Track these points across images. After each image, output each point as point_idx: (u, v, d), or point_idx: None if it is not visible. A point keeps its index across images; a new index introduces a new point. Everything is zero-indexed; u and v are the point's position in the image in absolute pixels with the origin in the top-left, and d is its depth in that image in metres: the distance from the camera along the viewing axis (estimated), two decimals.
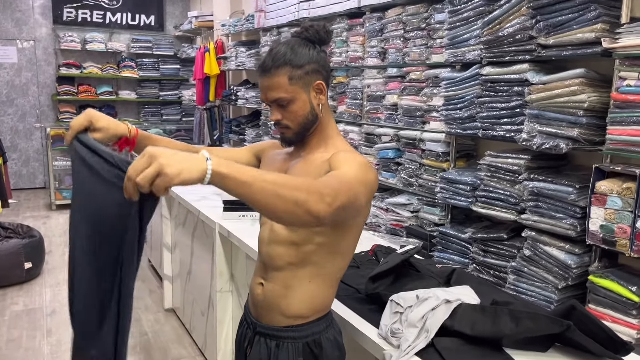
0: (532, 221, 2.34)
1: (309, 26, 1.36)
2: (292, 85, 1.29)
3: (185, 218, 3.18)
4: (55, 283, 4.18)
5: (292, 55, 1.30)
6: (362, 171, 1.21)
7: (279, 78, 1.29)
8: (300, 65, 1.30)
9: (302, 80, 1.30)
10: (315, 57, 1.33)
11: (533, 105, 2.28)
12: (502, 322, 1.29)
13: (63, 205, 6.58)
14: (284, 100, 1.30)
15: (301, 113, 1.32)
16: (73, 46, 7.28)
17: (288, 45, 1.32)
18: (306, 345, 1.32)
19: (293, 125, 1.33)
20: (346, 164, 1.21)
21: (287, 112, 1.32)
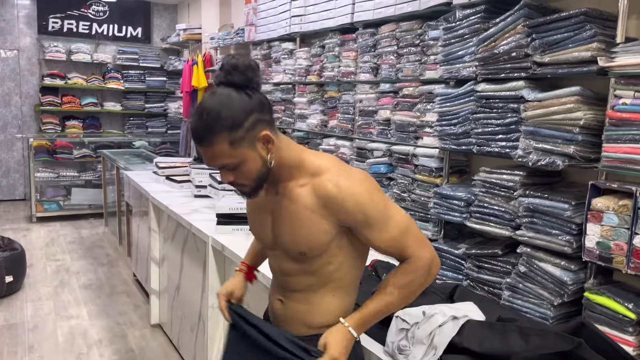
0: (527, 237, 2.34)
1: (231, 68, 1.18)
2: (236, 150, 1.17)
3: (175, 231, 3.12)
4: (37, 297, 4.07)
5: (226, 116, 1.14)
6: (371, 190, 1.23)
7: (219, 146, 1.16)
8: (239, 124, 1.15)
9: (246, 139, 1.17)
10: (251, 106, 1.18)
11: (529, 122, 2.30)
12: (511, 339, 1.28)
13: (44, 218, 6.45)
14: (231, 165, 1.20)
15: (254, 170, 1.21)
16: (58, 56, 7.20)
17: (219, 103, 1.15)
18: None
19: (248, 182, 1.24)
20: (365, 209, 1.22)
21: (238, 172, 1.22)
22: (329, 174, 1.23)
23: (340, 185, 1.21)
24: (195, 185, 3.37)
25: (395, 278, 1.26)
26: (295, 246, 1.28)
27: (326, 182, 1.22)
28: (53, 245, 5.48)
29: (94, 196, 6.74)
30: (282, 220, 1.30)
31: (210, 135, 1.15)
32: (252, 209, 1.42)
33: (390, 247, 1.25)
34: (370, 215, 1.22)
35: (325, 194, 1.22)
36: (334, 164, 1.27)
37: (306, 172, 1.26)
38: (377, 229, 1.23)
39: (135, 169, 4.76)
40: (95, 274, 4.63)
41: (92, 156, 6.95)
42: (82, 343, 3.36)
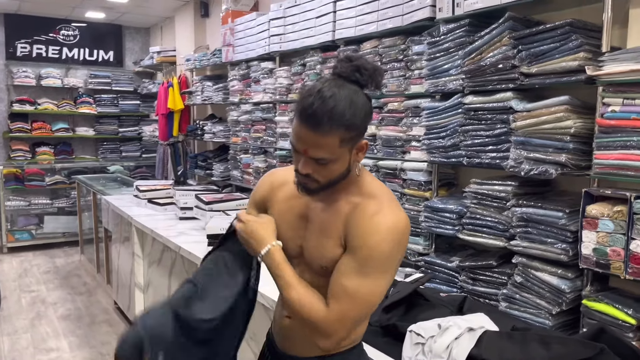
0: (522, 247, 2.35)
1: (362, 67, 1.15)
2: (341, 148, 1.14)
3: (162, 255, 3.04)
4: (13, 331, 3.89)
5: (351, 114, 1.11)
6: (392, 242, 1.16)
7: (331, 139, 1.11)
8: (357, 127, 1.14)
9: (352, 142, 1.16)
10: (370, 111, 1.18)
11: (518, 132, 2.32)
12: (532, 348, 1.26)
13: (16, 248, 6.22)
14: (327, 160, 1.15)
15: (337, 172, 1.18)
16: (27, 82, 7.03)
17: (347, 99, 1.11)
18: None
19: (324, 180, 1.19)
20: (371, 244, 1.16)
21: (322, 168, 1.16)
22: (379, 201, 1.20)
23: (377, 215, 1.17)
24: (180, 207, 3.30)
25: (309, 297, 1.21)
26: (319, 258, 1.25)
27: (371, 206, 1.19)
28: (27, 275, 5.28)
29: (67, 223, 6.54)
30: (315, 230, 1.27)
31: (328, 124, 1.10)
32: (286, 211, 1.35)
33: (333, 286, 1.18)
34: (364, 255, 1.16)
35: (360, 213, 1.19)
36: (390, 197, 1.24)
37: (360, 191, 1.23)
38: (351, 266, 1.17)
39: (113, 193, 4.64)
40: (74, 303, 4.46)
41: (65, 182, 6.77)
42: None
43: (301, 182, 1.23)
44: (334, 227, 1.22)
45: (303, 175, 1.20)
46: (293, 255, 1.33)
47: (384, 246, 1.15)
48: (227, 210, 2.96)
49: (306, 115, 1.12)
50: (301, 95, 1.15)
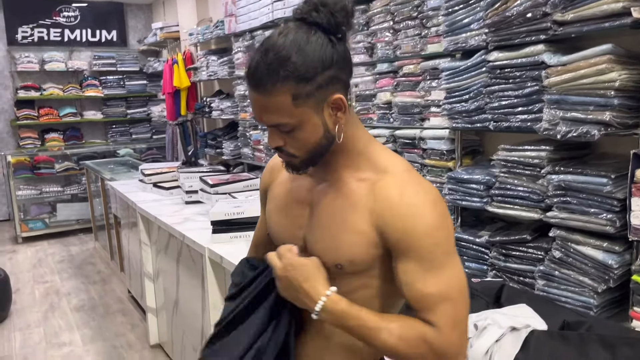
0: (560, 219, 2.10)
1: (319, 4, 0.92)
2: (298, 107, 0.92)
3: (168, 243, 2.85)
4: (25, 325, 3.78)
5: (297, 61, 0.90)
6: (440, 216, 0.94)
7: (279, 97, 0.91)
8: (310, 77, 0.91)
9: (313, 98, 0.92)
10: (332, 57, 0.92)
11: (553, 89, 2.05)
12: (592, 353, 1.03)
13: (30, 238, 6.14)
14: (287, 126, 0.94)
15: (312, 140, 0.96)
16: (31, 67, 6.86)
17: (292, 44, 0.90)
18: None
19: (300, 153, 0.98)
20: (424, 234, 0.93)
21: (291, 138, 0.96)
22: (400, 180, 0.96)
23: (405, 195, 0.94)
24: (185, 191, 3.10)
25: (408, 326, 0.94)
26: (332, 254, 1.00)
27: (392, 187, 0.95)
28: (41, 266, 5.19)
29: (81, 210, 6.43)
30: (325, 218, 1.02)
31: (271, 80, 0.90)
32: (281, 197, 1.13)
33: (420, 301, 0.94)
34: (422, 249, 0.92)
35: (385, 199, 0.95)
36: (406, 167, 1.00)
37: (371, 165, 0.99)
38: (418, 271, 0.93)
39: (121, 178, 4.48)
40: (88, 293, 4.34)
41: (75, 169, 6.64)
42: None
43: (283, 159, 1.02)
44: (351, 217, 0.98)
45: (277, 151, 0.99)
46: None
47: (437, 227, 0.93)
48: (234, 192, 2.75)
49: (249, 76, 0.93)
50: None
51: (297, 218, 1.07)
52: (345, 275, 1.00)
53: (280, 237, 1.12)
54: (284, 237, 1.10)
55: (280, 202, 1.12)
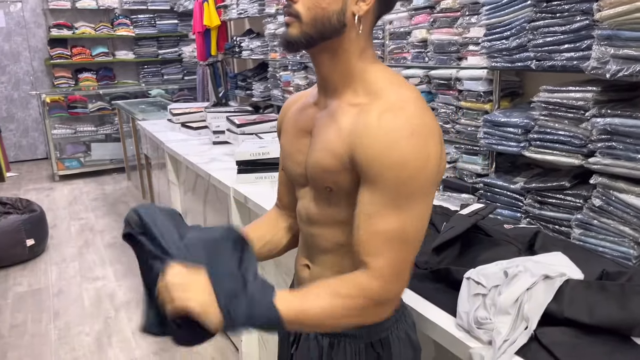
0: (603, 165, 1.97)
1: None
2: None
3: (195, 183, 2.84)
4: (62, 259, 3.91)
5: None
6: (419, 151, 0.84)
7: None
8: None
9: None
10: None
11: (604, 24, 1.87)
12: (634, 305, 0.94)
13: (67, 176, 6.29)
14: None
15: (325, 5, 0.90)
16: (62, 5, 6.81)
17: None
18: (369, 345, 0.99)
19: (306, 15, 0.91)
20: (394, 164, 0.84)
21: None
22: (385, 103, 0.89)
23: (383, 121, 0.87)
24: (212, 131, 3.06)
25: (336, 282, 0.90)
26: (321, 176, 0.97)
27: (373, 110, 0.89)
28: (76, 203, 5.32)
29: (114, 150, 6.53)
30: (317, 143, 0.99)
31: None
32: (290, 130, 1.11)
33: (364, 236, 0.88)
34: (390, 181, 0.85)
35: (363, 123, 0.89)
36: (401, 92, 0.92)
37: (366, 89, 0.94)
38: (375, 201, 0.87)
39: (151, 118, 4.47)
40: (120, 231, 4.44)
41: (108, 109, 6.69)
42: (110, 306, 3.19)
43: (285, 22, 0.96)
44: (333, 142, 0.94)
45: (286, 5, 0.93)
46: (300, 181, 1.07)
47: (411, 159, 0.84)
48: (260, 132, 2.69)
49: None
50: None
51: (301, 147, 1.05)
52: (338, 199, 0.97)
53: (288, 169, 1.11)
54: (291, 168, 1.09)
55: (289, 134, 1.10)
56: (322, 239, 1.01)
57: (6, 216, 3.89)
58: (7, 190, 5.61)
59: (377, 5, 0.94)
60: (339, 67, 0.96)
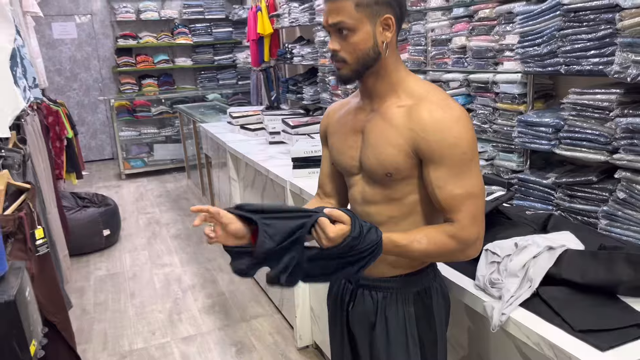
0: (626, 161, 2.15)
1: None
2: (357, 12, 1.17)
3: (254, 179, 3.17)
4: (133, 248, 4.34)
5: None
6: (464, 133, 1.16)
7: (346, 2, 1.17)
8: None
9: (370, 9, 1.18)
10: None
11: (625, 32, 2.05)
12: (619, 268, 1.18)
13: (132, 175, 6.80)
14: (345, 26, 1.18)
15: (362, 47, 1.19)
16: (128, 17, 7.36)
17: None
18: (417, 294, 1.27)
19: (351, 59, 1.20)
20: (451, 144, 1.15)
21: (346, 42, 1.20)
22: (430, 102, 1.19)
23: (433, 115, 1.17)
24: (269, 132, 3.38)
25: (432, 231, 1.19)
26: (381, 166, 1.24)
27: (423, 109, 1.18)
28: (142, 199, 5.79)
29: (174, 151, 7.00)
30: (373, 139, 1.26)
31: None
32: (340, 130, 1.38)
33: (445, 201, 1.18)
34: (452, 157, 1.16)
35: (418, 119, 1.18)
36: (438, 94, 1.22)
37: (409, 94, 1.23)
38: (445, 175, 1.17)
39: (211, 121, 4.85)
40: (183, 224, 4.86)
41: (169, 112, 7.17)
42: (177, 288, 3.57)
43: (336, 67, 1.25)
44: (392, 135, 1.21)
45: (333, 57, 1.23)
46: (354, 171, 1.34)
47: (461, 138, 1.16)
48: (312, 133, 2.98)
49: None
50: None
51: (353, 144, 1.32)
52: (395, 183, 1.24)
53: (341, 162, 1.37)
54: (344, 162, 1.35)
55: (339, 135, 1.37)
56: (378, 215, 1.29)
57: (85, 209, 4.35)
58: (80, 187, 6.15)
59: (398, 25, 1.24)
60: (383, 81, 1.25)
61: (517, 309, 1.19)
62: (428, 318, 1.26)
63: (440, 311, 1.28)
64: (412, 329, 1.26)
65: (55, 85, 7.37)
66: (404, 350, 1.25)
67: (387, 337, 1.27)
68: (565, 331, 1.10)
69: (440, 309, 1.28)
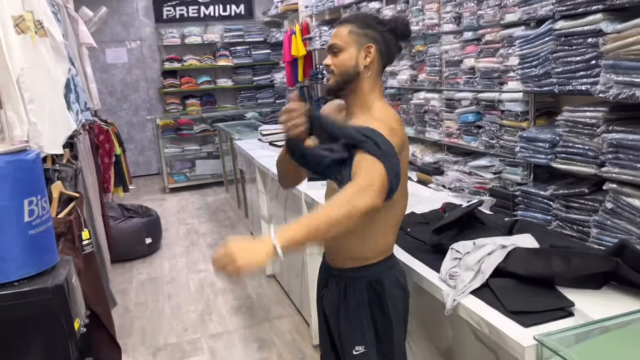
0: (612, 174, 2.31)
1: (392, 16, 1.53)
2: (348, 37, 1.50)
3: (278, 191, 3.46)
4: (172, 255, 4.70)
5: (364, 19, 1.53)
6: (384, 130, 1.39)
7: (343, 29, 1.52)
8: (364, 28, 1.51)
9: (358, 37, 1.50)
10: (381, 34, 1.51)
11: (608, 55, 2.24)
12: (554, 262, 1.38)
13: (175, 189, 7.24)
14: (337, 47, 1.50)
15: (346, 64, 1.49)
16: (174, 41, 7.88)
17: (366, 13, 1.59)
18: (369, 283, 1.50)
19: (336, 72, 1.51)
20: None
21: (336, 59, 1.51)
22: (377, 121, 1.46)
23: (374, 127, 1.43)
24: None
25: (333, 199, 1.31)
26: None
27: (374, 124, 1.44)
28: (183, 211, 6.19)
29: (215, 166, 7.41)
30: None
31: (346, 20, 1.55)
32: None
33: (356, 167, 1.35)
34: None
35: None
36: (393, 119, 1.50)
37: (374, 117, 1.50)
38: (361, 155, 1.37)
39: (246, 138, 5.19)
40: (219, 234, 5.20)
41: (210, 130, 7.61)
42: (210, 292, 3.88)
43: (326, 79, 1.56)
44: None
45: (325, 68, 1.54)
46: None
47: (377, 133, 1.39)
48: None
49: (341, 20, 1.57)
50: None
51: None
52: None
53: None
54: None
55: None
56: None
57: (130, 219, 4.75)
58: (128, 200, 6.61)
59: (380, 59, 1.52)
60: (358, 101, 1.53)
61: (468, 297, 1.41)
62: (380, 304, 1.50)
63: (395, 300, 1.51)
64: (366, 312, 1.50)
65: (108, 106, 7.94)
66: (359, 329, 1.50)
67: (347, 318, 1.52)
68: (501, 313, 1.31)
69: (395, 298, 1.51)
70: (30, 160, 1.66)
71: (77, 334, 1.70)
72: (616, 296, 1.35)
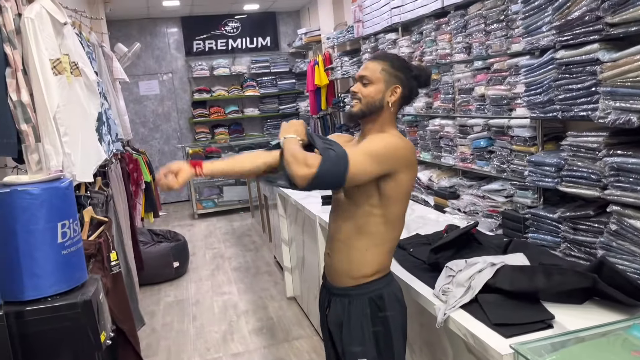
0: (615, 196, 2.38)
1: (419, 65, 1.82)
2: (379, 74, 1.67)
3: (296, 215, 3.60)
4: (198, 279, 4.87)
5: (396, 61, 1.71)
6: (383, 146, 1.55)
7: (376, 64, 1.69)
8: (395, 69, 1.68)
9: (389, 76, 1.67)
10: (408, 79, 1.70)
11: (606, 83, 2.33)
12: (537, 278, 1.48)
13: (204, 214, 7.46)
14: (368, 79, 1.67)
15: (373, 96, 1.66)
16: (203, 73, 8.22)
17: (399, 57, 1.76)
18: (371, 299, 1.62)
19: (363, 101, 1.68)
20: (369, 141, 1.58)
21: (365, 90, 1.67)
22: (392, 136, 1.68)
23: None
24: None
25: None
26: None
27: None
28: (211, 236, 6.39)
29: (241, 193, 7.63)
30: None
31: (381, 57, 1.73)
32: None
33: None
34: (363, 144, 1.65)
35: None
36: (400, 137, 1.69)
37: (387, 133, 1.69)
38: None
39: None
40: (244, 258, 5.36)
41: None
42: (233, 313, 4.02)
43: (352, 104, 1.71)
44: None
45: (352, 95, 1.70)
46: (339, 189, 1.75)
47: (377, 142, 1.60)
48: None
49: (375, 55, 1.77)
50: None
51: None
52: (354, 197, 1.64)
53: None
54: None
55: None
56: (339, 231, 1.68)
57: (159, 244, 4.96)
58: (158, 225, 6.85)
59: (402, 99, 1.71)
60: (375, 128, 1.69)
61: (458, 311, 1.51)
62: (382, 318, 1.61)
63: (394, 313, 1.61)
64: (368, 326, 1.61)
65: (140, 136, 8.29)
66: (362, 343, 1.61)
67: (350, 332, 1.63)
68: (486, 325, 1.41)
69: (394, 312, 1.62)
70: (64, 187, 1.85)
71: (102, 346, 1.86)
72: (596, 310, 1.43)
